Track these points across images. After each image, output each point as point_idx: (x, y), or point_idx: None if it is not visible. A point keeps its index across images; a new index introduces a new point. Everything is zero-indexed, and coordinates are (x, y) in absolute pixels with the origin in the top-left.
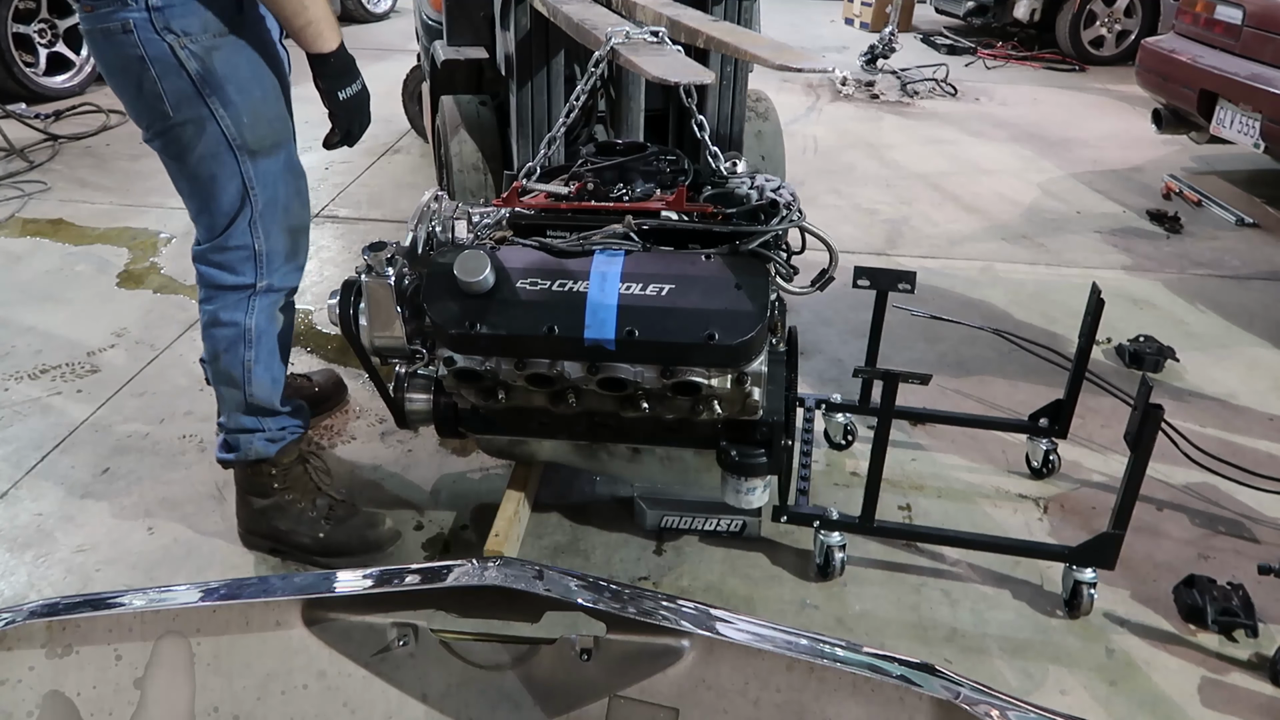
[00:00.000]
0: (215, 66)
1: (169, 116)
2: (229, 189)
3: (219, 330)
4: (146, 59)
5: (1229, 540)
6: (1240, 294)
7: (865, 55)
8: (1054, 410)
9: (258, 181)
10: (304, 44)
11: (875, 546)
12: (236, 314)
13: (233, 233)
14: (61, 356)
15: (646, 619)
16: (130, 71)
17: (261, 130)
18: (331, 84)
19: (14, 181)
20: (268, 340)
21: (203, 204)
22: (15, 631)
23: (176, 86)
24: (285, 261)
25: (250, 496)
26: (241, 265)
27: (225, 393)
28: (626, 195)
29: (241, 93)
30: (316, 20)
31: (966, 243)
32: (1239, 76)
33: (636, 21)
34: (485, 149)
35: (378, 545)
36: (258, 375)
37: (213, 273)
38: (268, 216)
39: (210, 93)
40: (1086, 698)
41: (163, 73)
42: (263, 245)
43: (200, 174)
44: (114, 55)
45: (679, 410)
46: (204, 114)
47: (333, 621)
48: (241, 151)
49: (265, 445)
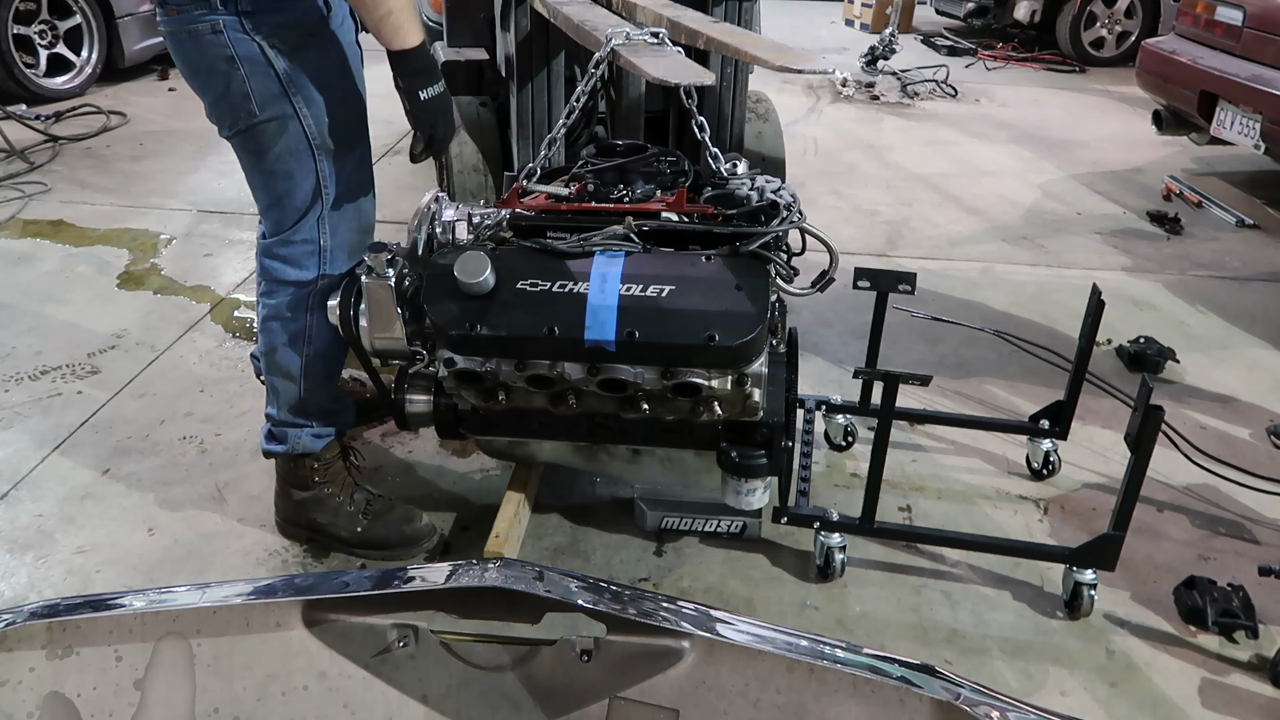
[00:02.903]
0: (302, 66)
1: (255, 115)
2: (304, 186)
3: (278, 324)
4: (237, 59)
5: (1229, 541)
6: (1241, 295)
7: (865, 56)
8: (1054, 411)
9: (332, 179)
10: (383, 38)
11: (875, 548)
12: (297, 310)
13: (300, 228)
14: (62, 358)
15: (647, 620)
16: (218, 71)
17: (341, 130)
18: (413, 82)
19: (14, 183)
20: (325, 337)
21: (275, 199)
22: (16, 633)
23: (264, 85)
24: (349, 259)
25: (291, 488)
26: (305, 260)
27: (280, 385)
28: (627, 196)
29: (326, 91)
30: (398, 11)
31: (967, 244)
32: (1239, 78)
33: (637, 23)
34: (485, 150)
35: (414, 540)
36: (313, 371)
37: (276, 266)
38: (336, 214)
39: (295, 91)
40: (1087, 699)
41: (251, 72)
42: (328, 241)
43: (278, 170)
44: (200, 56)
45: (679, 411)
46: (288, 112)
47: (333, 623)
48: (320, 150)
49: (312, 441)
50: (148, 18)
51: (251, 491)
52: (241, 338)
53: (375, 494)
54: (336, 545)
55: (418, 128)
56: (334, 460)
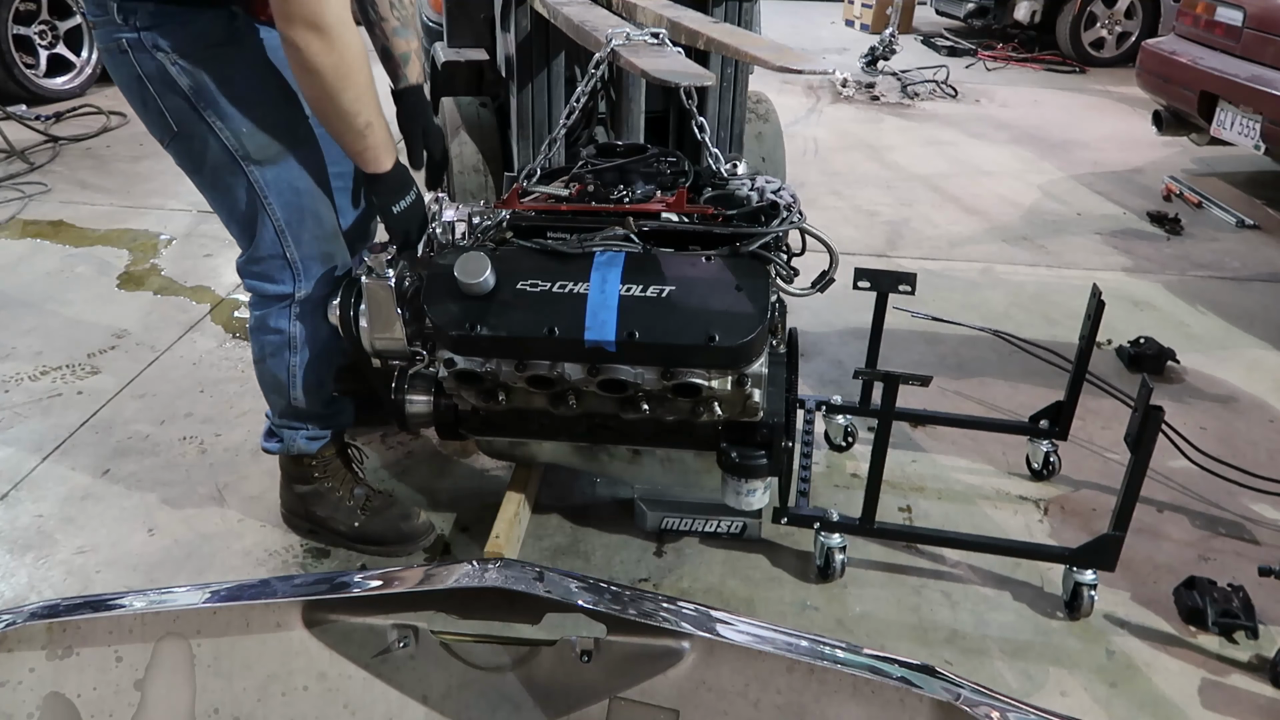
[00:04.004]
0: (207, 81)
1: (174, 130)
2: (242, 198)
3: (264, 336)
4: (144, 77)
5: (1229, 542)
6: (1241, 296)
7: (865, 57)
8: (1054, 412)
9: (271, 190)
10: (360, 165)
11: (875, 548)
12: (280, 321)
13: (260, 242)
14: (62, 358)
15: (647, 620)
16: (134, 89)
17: (262, 139)
18: (385, 200)
19: (14, 183)
20: (312, 346)
21: (226, 214)
22: (16, 633)
23: (174, 102)
24: (322, 267)
25: (292, 482)
26: (279, 274)
27: (270, 392)
28: (627, 197)
29: (239, 103)
30: (374, 146)
31: (967, 244)
32: (1239, 78)
33: (637, 23)
34: (486, 151)
35: (411, 538)
36: (302, 380)
37: (253, 283)
38: (295, 224)
39: (205, 106)
40: (1087, 699)
41: (160, 90)
42: (294, 253)
43: (216, 184)
44: (119, 73)
45: (679, 412)
46: (203, 128)
47: (333, 623)
48: (246, 161)
49: (306, 443)
50: None
51: (251, 492)
52: (241, 338)
53: (376, 490)
54: (335, 539)
55: (392, 235)
56: (332, 457)
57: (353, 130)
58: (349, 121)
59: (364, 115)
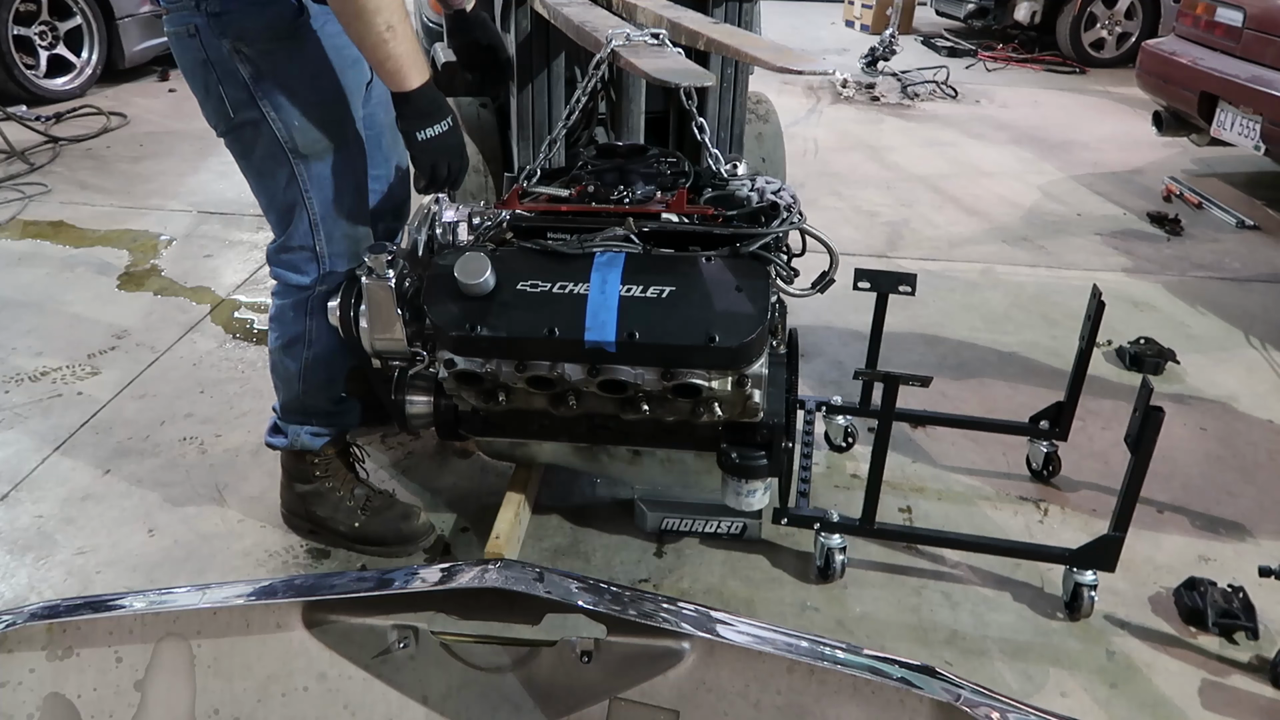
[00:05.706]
0: (268, 71)
1: (230, 118)
2: (286, 189)
3: (282, 326)
4: (209, 62)
5: (1229, 542)
6: (1241, 296)
7: (866, 57)
8: (1054, 412)
9: (312, 184)
10: (384, 80)
11: (875, 549)
12: (298, 313)
13: (294, 233)
14: (62, 359)
15: (647, 621)
16: (197, 73)
17: (313, 135)
18: (409, 124)
19: (14, 184)
20: (326, 342)
21: (267, 202)
22: (16, 634)
23: (234, 89)
24: (348, 264)
25: (293, 481)
26: (305, 265)
27: (282, 384)
28: (627, 198)
29: (294, 97)
30: (396, 56)
31: (967, 245)
32: (1239, 79)
33: (637, 24)
34: (486, 151)
35: (411, 538)
36: (313, 375)
37: (280, 271)
38: (328, 220)
39: (262, 96)
40: (1087, 700)
41: (223, 76)
42: (324, 248)
43: (263, 172)
44: (185, 57)
45: (679, 412)
46: (257, 116)
47: (333, 624)
48: (294, 154)
49: (310, 439)
50: (148, 19)
51: (251, 492)
52: (241, 339)
53: (376, 491)
54: (335, 539)
55: (417, 167)
56: (334, 457)
57: (373, 33)
58: (368, 21)
59: (385, 16)
